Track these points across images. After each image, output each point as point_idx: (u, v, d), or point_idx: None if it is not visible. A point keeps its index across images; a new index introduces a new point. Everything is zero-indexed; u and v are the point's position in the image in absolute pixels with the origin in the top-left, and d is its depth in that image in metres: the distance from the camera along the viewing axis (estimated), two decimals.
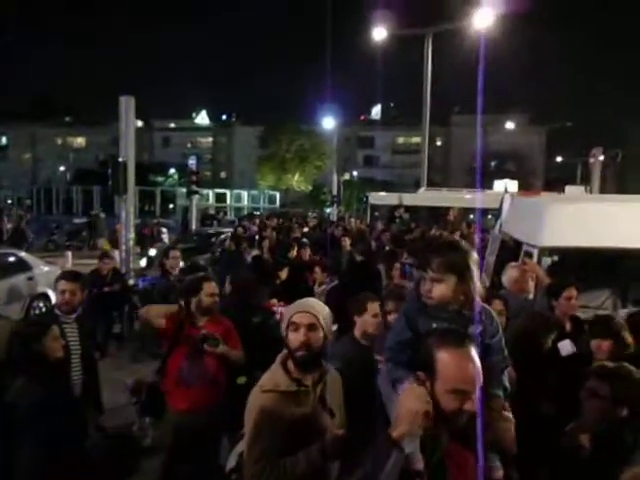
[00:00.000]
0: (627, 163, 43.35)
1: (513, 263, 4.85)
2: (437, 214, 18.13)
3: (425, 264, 2.29)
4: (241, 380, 3.74)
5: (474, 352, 1.89)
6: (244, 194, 47.94)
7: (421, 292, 2.32)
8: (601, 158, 16.24)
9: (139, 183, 23.50)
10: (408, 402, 1.87)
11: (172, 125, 69.92)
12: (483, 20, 20.02)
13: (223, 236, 14.02)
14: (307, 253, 8.54)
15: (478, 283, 2.30)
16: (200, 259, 10.88)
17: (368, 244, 10.40)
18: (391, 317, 3.25)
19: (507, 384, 2.33)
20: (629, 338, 3.41)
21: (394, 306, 3.28)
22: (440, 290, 2.24)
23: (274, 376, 2.49)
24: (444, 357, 1.87)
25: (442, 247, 2.34)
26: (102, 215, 24.25)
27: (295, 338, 2.46)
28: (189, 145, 66.06)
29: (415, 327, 2.26)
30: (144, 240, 16.16)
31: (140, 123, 58.50)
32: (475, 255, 2.33)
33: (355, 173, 54.79)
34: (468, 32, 21.45)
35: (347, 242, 10.19)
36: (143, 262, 13.06)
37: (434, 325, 2.21)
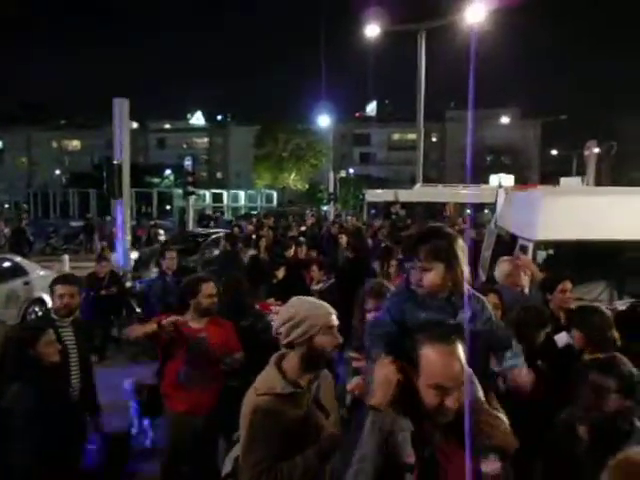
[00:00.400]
0: (622, 156, 43.44)
1: (505, 257, 4.86)
2: (433, 210, 18.15)
3: (413, 253, 2.29)
4: (232, 383, 3.75)
5: (460, 349, 1.90)
6: (241, 194, 47.93)
7: (411, 282, 2.32)
8: (596, 151, 16.27)
9: (135, 185, 23.44)
10: (383, 372, 1.93)
11: (167, 126, 69.81)
12: (476, 15, 20.01)
13: (214, 237, 13.95)
14: (304, 251, 8.54)
15: (465, 269, 2.31)
16: (190, 261, 10.83)
17: (364, 241, 10.40)
18: (371, 315, 3.19)
19: (517, 350, 2.36)
20: (608, 332, 3.40)
21: (374, 304, 3.23)
22: (429, 278, 2.24)
23: (269, 378, 2.48)
24: (428, 352, 1.89)
25: (428, 235, 2.34)
26: (107, 218, 24.09)
27: (331, 341, 2.49)
28: (185, 146, 65.96)
29: (401, 317, 2.27)
30: (138, 242, 16.14)
31: (135, 125, 58.44)
32: (461, 241, 2.34)
33: (352, 170, 54.81)
34: (462, 27, 21.45)
35: (344, 240, 10.19)
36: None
37: (423, 315, 2.22)
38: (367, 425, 1.85)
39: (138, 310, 8.86)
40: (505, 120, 48.62)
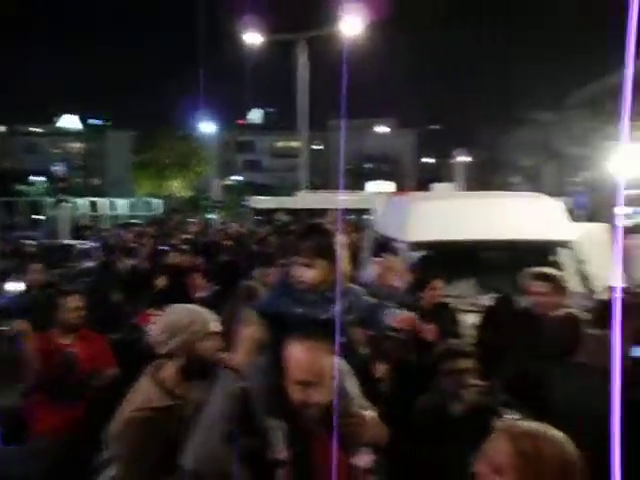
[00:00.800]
0: (493, 163, 47.16)
1: (375, 258, 5.10)
2: (316, 216, 18.48)
3: (294, 250, 2.34)
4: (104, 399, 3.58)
5: (325, 345, 1.95)
6: (122, 202, 45.63)
7: (291, 278, 2.35)
8: (464, 159, 17.51)
9: (0, 194, 21.54)
10: (247, 330, 2.00)
11: (38, 130, 64.92)
12: (352, 26, 20.72)
13: (83, 247, 13.22)
14: (186, 260, 8.34)
15: (345, 264, 2.39)
16: (58, 274, 10.10)
17: (247, 247, 10.37)
18: None
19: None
20: (453, 324, 3.74)
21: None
22: (311, 275, 2.29)
23: (144, 391, 2.39)
24: (292, 348, 1.93)
25: (309, 232, 2.39)
26: None
27: (213, 348, 2.47)
28: (57, 151, 61.71)
29: (276, 311, 2.30)
30: (3, 255, 14.80)
31: (1, 128, 53.82)
32: (341, 237, 2.42)
33: (238, 177, 54.40)
34: (343, 38, 22.10)
35: (228, 247, 10.10)
36: None
37: (298, 310, 2.26)
38: (220, 381, 1.85)
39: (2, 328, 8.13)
40: (384, 129, 50.90)
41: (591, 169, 26.17)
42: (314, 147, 55.07)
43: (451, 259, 5.64)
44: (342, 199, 20.19)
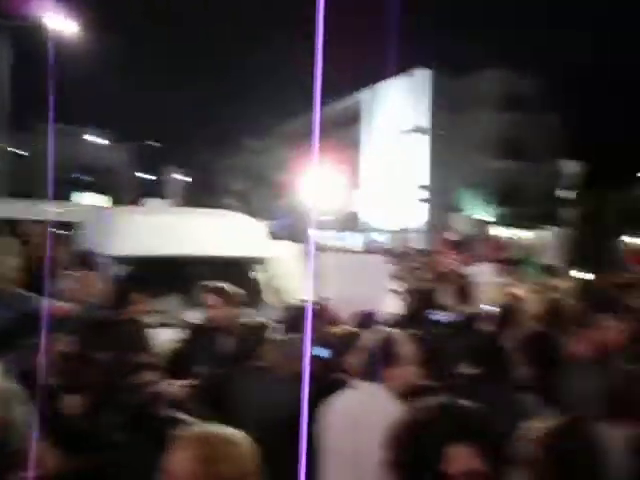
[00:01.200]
0: (207, 184, 48.68)
1: (70, 272, 4.86)
2: (13, 226, 16.44)
3: None
4: None
5: None
6: None
7: None
8: (180, 177, 17.76)
9: None
10: None
11: None
12: (59, 23, 19.26)
13: None
14: None
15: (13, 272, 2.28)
16: None
17: None
18: None
19: None
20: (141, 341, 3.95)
21: None
22: None
23: None
24: None
25: None
26: None
27: None
28: None
29: None
30: None
31: None
32: (20, 246, 2.31)
33: None
34: (50, 35, 20.24)
35: None
36: None
37: None
38: None
39: None
40: (101, 140, 48.17)
41: (292, 195, 29.09)
42: (19, 152, 48.94)
43: (156, 274, 5.64)
44: (44, 210, 18.45)
